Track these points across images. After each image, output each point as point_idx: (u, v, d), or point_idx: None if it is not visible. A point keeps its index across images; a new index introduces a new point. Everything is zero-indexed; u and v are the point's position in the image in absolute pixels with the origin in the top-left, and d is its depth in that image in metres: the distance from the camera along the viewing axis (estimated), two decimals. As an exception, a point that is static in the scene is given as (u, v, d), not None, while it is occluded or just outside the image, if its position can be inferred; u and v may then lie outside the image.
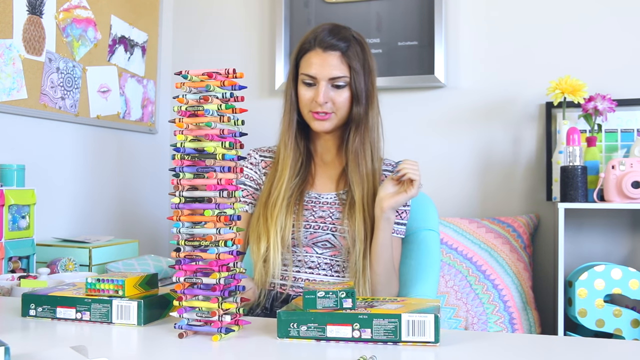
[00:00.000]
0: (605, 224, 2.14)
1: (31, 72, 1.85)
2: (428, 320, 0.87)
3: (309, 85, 1.39)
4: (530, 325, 1.98)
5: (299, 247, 1.40)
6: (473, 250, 2.07)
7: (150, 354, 0.87)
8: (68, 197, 2.04)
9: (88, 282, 1.02)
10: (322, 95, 1.36)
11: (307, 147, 1.48)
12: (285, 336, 0.90)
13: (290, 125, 1.44)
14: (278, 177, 1.42)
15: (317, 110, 1.38)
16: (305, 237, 1.40)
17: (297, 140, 1.45)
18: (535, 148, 2.23)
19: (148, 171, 2.47)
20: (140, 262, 1.88)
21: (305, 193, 1.44)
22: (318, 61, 1.37)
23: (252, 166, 1.50)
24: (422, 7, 2.32)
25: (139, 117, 2.40)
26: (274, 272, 1.37)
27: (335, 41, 1.36)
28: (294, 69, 1.43)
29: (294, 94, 1.43)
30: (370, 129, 1.41)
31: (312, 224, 1.40)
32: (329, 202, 1.43)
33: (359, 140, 1.40)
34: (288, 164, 1.42)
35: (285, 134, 1.44)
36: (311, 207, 1.42)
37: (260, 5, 2.55)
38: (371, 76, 1.40)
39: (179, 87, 0.94)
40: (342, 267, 1.41)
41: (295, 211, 1.40)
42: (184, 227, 0.94)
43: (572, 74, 2.07)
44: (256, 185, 1.48)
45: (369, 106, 1.40)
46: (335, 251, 1.41)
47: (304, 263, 1.40)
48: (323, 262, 1.41)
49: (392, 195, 1.35)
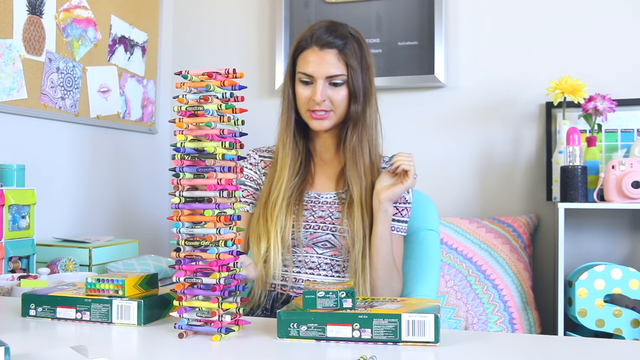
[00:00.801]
0: (605, 224, 2.14)
1: (31, 72, 1.85)
2: (428, 320, 0.87)
3: (306, 84, 1.38)
4: (530, 325, 1.98)
5: (299, 248, 1.40)
6: (473, 250, 2.07)
7: (150, 354, 0.87)
8: (68, 197, 2.04)
9: (88, 282, 1.02)
10: (319, 94, 1.35)
11: (306, 146, 1.47)
12: (285, 336, 0.90)
13: (288, 125, 1.43)
14: (277, 177, 1.41)
15: (314, 108, 1.37)
16: (305, 237, 1.39)
17: (296, 139, 1.44)
18: (535, 148, 2.23)
19: (148, 171, 2.47)
20: (140, 262, 1.88)
21: (305, 193, 1.43)
22: (315, 59, 1.36)
23: (251, 166, 1.49)
24: (422, 7, 2.32)
25: (139, 117, 2.40)
26: (274, 272, 1.37)
27: (332, 39, 1.35)
28: (291, 67, 1.42)
29: (291, 93, 1.42)
30: (368, 127, 1.40)
31: (312, 224, 1.40)
32: (329, 202, 1.42)
33: (357, 138, 1.39)
34: (287, 163, 1.41)
35: (284, 133, 1.44)
36: (311, 207, 1.42)
37: (260, 6, 2.55)
38: (369, 73, 1.40)
39: (179, 87, 0.94)
40: (343, 267, 1.41)
41: (295, 211, 1.39)
42: (184, 227, 0.94)
43: (572, 74, 2.07)
44: (256, 185, 1.48)
45: (366, 104, 1.39)
46: (336, 251, 1.41)
47: (304, 263, 1.40)
48: (323, 263, 1.40)
49: (389, 187, 1.35)
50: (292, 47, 1.43)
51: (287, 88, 1.43)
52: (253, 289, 1.41)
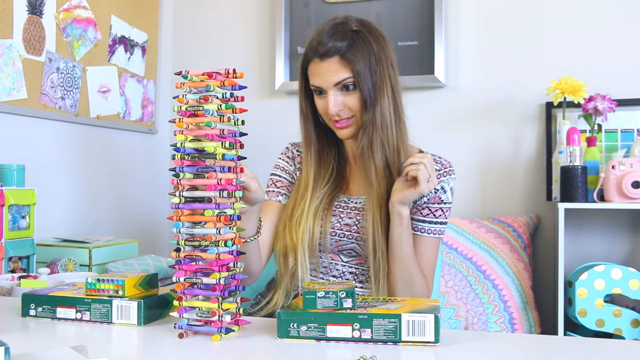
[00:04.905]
0: (605, 224, 2.14)
1: (31, 72, 1.85)
2: (428, 320, 0.87)
3: (320, 94, 1.34)
4: (530, 325, 1.98)
5: (324, 253, 1.37)
6: (473, 250, 2.06)
7: (150, 354, 0.87)
8: (68, 197, 2.04)
9: (88, 282, 1.02)
10: (331, 105, 1.30)
11: (340, 151, 1.44)
12: (285, 336, 0.90)
13: (308, 139, 1.40)
14: (302, 191, 1.38)
15: (334, 119, 1.33)
16: (331, 244, 1.36)
17: (326, 149, 1.41)
18: (535, 148, 2.23)
19: (148, 171, 2.47)
20: (140, 262, 1.88)
21: (336, 198, 1.40)
22: (319, 71, 1.31)
23: (288, 159, 1.47)
24: (422, 7, 2.31)
25: (139, 117, 2.40)
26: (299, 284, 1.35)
27: (331, 44, 1.29)
28: (302, 78, 1.38)
29: (305, 106, 1.39)
30: (378, 128, 1.32)
31: (338, 232, 1.36)
32: (357, 208, 1.38)
33: (366, 141, 1.32)
34: (310, 179, 1.38)
35: (305, 150, 1.41)
36: (338, 212, 1.38)
37: (260, 6, 2.55)
38: (380, 68, 1.31)
39: (179, 87, 0.94)
40: (367, 277, 1.36)
41: (323, 217, 1.36)
42: (184, 227, 0.94)
43: (572, 74, 2.07)
44: (291, 178, 1.46)
45: (377, 103, 1.31)
46: (361, 259, 1.37)
47: (328, 270, 1.38)
48: (347, 271, 1.37)
49: (401, 190, 1.27)
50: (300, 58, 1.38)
51: (301, 101, 1.39)
52: (275, 297, 1.38)
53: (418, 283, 1.33)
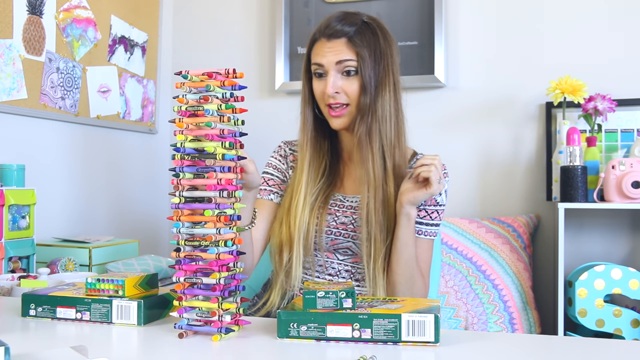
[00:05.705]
0: (605, 224, 2.14)
1: (31, 72, 1.85)
2: (428, 320, 0.87)
3: (320, 76, 1.33)
4: (530, 325, 1.98)
5: (320, 252, 1.37)
6: (473, 250, 2.06)
7: (150, 354, 0.87)
8: (68, 197, 2.04)
9: (88, 282, 1.02)
10: (330, 85, 1.29)
11: (334, 146, 1.42)
12: (285, 336, 0.90)
13: (305, 124, 1.38)
14: (297, 183, 1.37)
15: (329, 102, 1.31)
16: (327, 242, 1.36)
17: (319, 140, 1.39)
18: (535, 148, 2.23)
19: (148, 171, 2.47)
20: (140, 262, 1.88)
21: (332, 195, 1.38)
22: (323, 49, 1.31)
23: (280, 158, 1.46)
24: (422, 7, 2.32)
25: (139, 117, 2.40)
26: (294, 284, 1.34)
27: (340, 26, 1.30)
28: (306, 61, 1.37)
29: (307, 89, 1.38)
30: (379, 118, 1.30)
31: (334, 230, 1.36)
32: (353, 207, 1.37)
33: (365, 128, 1.30)
34: (305, 167, 1.36)
35: (301, 134, 1.39)
36: (334, 211, 1.37)
37: (260, 6, 2.55)
38: (383, 62, 1.31)
39: (179, 87, 0.94)
40: (363, 276, 1.36)
41: (318, 215, 1.35)
42: (184, 227, 0.94)
43: (572, 74, 2.07)
44: (283, 176, 1.45)
45: (378, 94, 1.30)
46: (357, 258, 1.37)
47: (324, 268, 1.37)
48: (343, 270, 1.37)
49: (412, 190, 1.25)
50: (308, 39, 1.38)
51: (304, 85, 1.38)
52: (272, 297, 1.37)
53: (418, 283, 1.34)
